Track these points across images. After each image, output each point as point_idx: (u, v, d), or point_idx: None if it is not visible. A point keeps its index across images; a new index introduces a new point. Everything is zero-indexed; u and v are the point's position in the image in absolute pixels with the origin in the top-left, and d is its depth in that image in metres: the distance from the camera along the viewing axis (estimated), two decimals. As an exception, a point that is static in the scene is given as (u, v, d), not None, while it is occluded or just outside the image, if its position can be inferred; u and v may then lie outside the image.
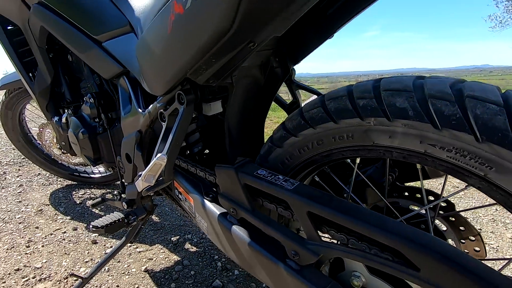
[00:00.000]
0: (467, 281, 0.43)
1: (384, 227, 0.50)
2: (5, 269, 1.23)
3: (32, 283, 1.17)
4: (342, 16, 0.71)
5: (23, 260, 1.28)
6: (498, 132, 0.42)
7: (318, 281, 0.59)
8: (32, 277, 1.19)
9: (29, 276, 1.19)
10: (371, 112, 0.53)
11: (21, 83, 1.51)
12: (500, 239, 1.61)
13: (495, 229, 1.71)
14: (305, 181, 0.76)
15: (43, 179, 2.11)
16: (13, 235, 1.46)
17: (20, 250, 1.35)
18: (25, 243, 1.40)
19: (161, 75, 0.66)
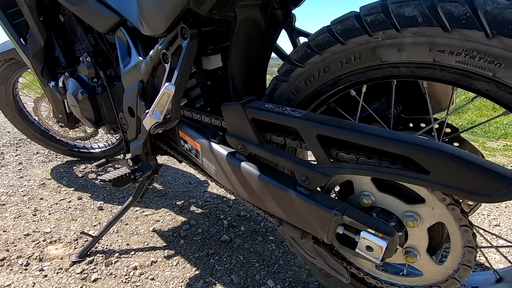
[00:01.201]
0: (475, 176, 0.44)
1: (394, 137, 0.51)
2: (14, 235, 1.24)
3: (43, 245, 1.18)
4: None
5: (31, 227, 1.30)
6: (508, 24, 0.42)
7: (329, 203, 0.61)
8: (42, 240, 1.21)
9: (39, 240, 1.21)
10: (380, 25, 0.52)
11: (13, 53, 1.47)
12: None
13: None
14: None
15: (42, 157, 2.09)
16: (19, 206, 1.46)
17: (28, 218, 1.36)
18: (32, 212, 1.40)
19: (163, 7, 0.64)
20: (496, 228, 1.35)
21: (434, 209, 0.54)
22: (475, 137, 2.84)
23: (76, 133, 1.90)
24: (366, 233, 0.56)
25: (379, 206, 0.61)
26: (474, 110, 3.81)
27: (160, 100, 0.66)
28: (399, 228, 0.58)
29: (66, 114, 1.52)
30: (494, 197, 0.43)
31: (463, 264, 0.54)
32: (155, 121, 0.69)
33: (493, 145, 2.62)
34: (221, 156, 0.76)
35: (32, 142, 2.28)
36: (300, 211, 0.64)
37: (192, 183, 1.75)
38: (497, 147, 2.57)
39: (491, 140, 2.75)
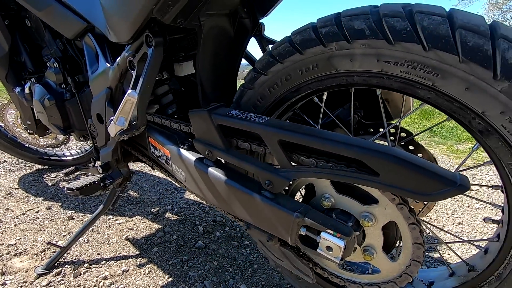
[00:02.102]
0: (417, 177, 0.48)
1: (347, 142, 0.54)
2: (-25, 248, 1.18)
3: (6, 258, 1.13)
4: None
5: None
6: (441, 39, 0.46)
7: (292, 206, 0.63)
8: (6, 253, 1.15)
9: (2, 253, 1.15)
10: (333, 37, 0.56)
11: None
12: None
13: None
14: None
15: (9, 166, 2.00)
16: (-19, 217, 1.39)
17: (-10, 230, 1.29)
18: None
19: (127, 16, 0.65)
20: (459, 226, 1.43)
21: (386, 209, 0.57)
22: (444, 140, 2.99)
23: (46, 140, 1.83)
24: (326, 233, 0.59)
25: (339, 208, 0.64)
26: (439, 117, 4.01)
27: (124, 107, 0.66)
28: (357, 228, 0.61)
29: (34, 120, 1.47)
30: (433, 196, 0.47)
31: (414, 260, 0.58)
32: (120, 128, 0.69)
33: (460, 147, 2.78)
34: (189, 162, 0.77)
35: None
36: (265, 215, 0.66)
37: (169, 189, 1.73)
38: (463, 149, 2.72)
39: (458, 143, 2.91)
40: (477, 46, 0.45)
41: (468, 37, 0.45)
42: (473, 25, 0.46)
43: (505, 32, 0.45)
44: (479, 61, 0.44)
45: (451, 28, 0.46)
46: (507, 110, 0.45)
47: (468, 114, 0.50)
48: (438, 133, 3.13)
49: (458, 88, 0.48)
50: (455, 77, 0.47)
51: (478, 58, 0.44)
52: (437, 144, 2.84)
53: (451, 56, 0.46)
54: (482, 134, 0.50)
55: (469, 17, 0.47)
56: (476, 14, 0.49)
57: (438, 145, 2.82)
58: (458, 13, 0.48)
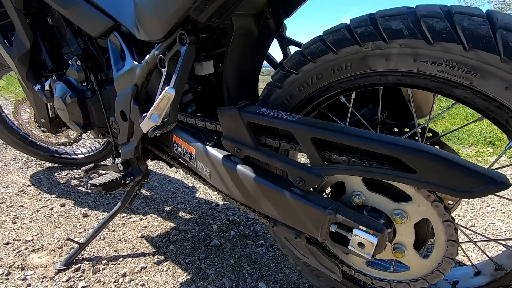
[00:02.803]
0: (456, 174, 0.49)
1: (382, 139, 0.55)
2: (-8, 244, 1.18)
3: (25, 254, 1.14)
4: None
5: (11, 235, 1.24)
6: (482, 39, 0.47)
7: (323, 202, 0.64)
8: (24, 248, 1.16)
9: (20, 248, 1.16)
10: (369, 37, 0.57)
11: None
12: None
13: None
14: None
15: (20, 163, 2.01)
16: (-4, 214, 1.40)
17: (7, 226, 1.30)
18: (11, 220, 1.34)
19: (163, 13, 0.66)
20: (471, 228, 1.43)
21: (420, 206, 0.58)
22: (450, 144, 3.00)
23: (58, 138, 1.84)
24: (358, 230, 0.59)
25: (369, 205, 0.64)
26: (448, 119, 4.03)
27: (159, 104, 0.67)
28: (388, 225, 0.62)
29: (49, 118, 1.48)
30: (473, 193, 0.47)
31: (447, 257, 0.59)
32: (153, 124, 0.70)
33: (466, 151, 2.78)
34: (216, 159, 0.78)
35: (9, 148, 2.18)
36: (294, 211, 0.67)
37: (180, 188, 1.74)
38: (470, 153, 2.73)
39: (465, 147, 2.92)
40: (519, 46, 0.46)
41: (510, 37, 0.46)
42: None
43: (546, 33, 0.46)
44: (521, 61, 0.45)
45: (491, 29, 0.47)
46: (547, 109, 0.46)
47: (506, 113, 0.50)
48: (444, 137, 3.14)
49: (497, 87, 0.49)
50: (495, 77, 0.48)
51: (520, 58, 0.45)
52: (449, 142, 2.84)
53: (492, 56, 0.47)
54: (519, 133, 0.50)
55: (509, 18, 0.48)
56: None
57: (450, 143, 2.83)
58: (498, 14, 0.49)
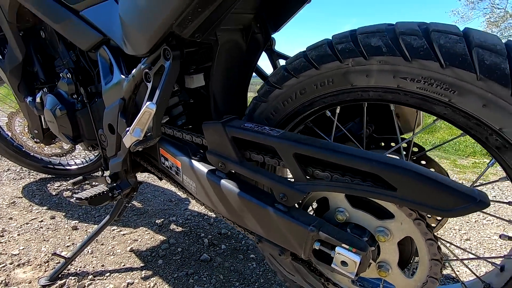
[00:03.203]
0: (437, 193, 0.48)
1: (364, 156, 0.54)
2: (-22, 258, 1.16)
3: (10, 268, 1.11)
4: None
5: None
6: (459, 56, 0.48)
7: (306, 219, 0.63)
8: (9, 263, 1.14)
9: (5, 263, 1.14)
10: (349, 53, 0.57)
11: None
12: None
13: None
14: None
15: (13, 174, 2.00)
16: (-16, 226, 1.38)
17: (-6, 239, 1.28)
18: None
19: (147, 29, 0.66)
20: (467, 242, 1.41)
21: (403, 224, 0.57)
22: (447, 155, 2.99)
23: (51, 149, 1.84)
24: (341, 248, 0.58)
25: (353, 222, 0.63)
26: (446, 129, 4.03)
27: (141, 119, 0.67)
28: (372, 243, 0.60)
29: (42, 129, 1.48)
30: (453, 212, 0.47)
31: (431, 277, 0.57)
32: (136, 139, 0.70)
33: (463, 162, 2.77)
34: (201, 174, 0.77)
35: (2, 158, 2.18)
36: (278, 228, 0.66)
37: (173, 200, 1.72)
38: (467, 164, 2.72)
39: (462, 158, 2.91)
40: (494, 64, 0.46)
41: (486, 55, 0.46)
42: (490, 44, 0.47)
43: (522, 51, 0.46)
44: (497, 79, 0.45)
45: (467, 47, 0.48)
46: (525, 127, 0.45)
47: (485, 131, 0.50)
48: (441, 148, 3.14)
49: (475, 104, 0.49)
50: (472, 94, 0.48)
51: (495, 76, 0.45)
52: (440, 158, 2.84)
53: (468, 74, 0.47)
54: (499, 150, 0.50)
55: (485, 36, 0.48)
56: (491, 34, 0.50)
57: (441, 159, 2.82)
58: (474, 32, 0.49)
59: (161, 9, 0.61)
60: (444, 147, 3.14)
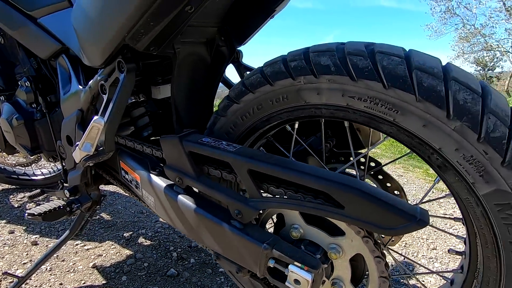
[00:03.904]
0: (380, 211, 0.49)
1: (314, 174, 0.54)
2: None
3: (-45, 289, 1.03)
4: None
5: None
6: (400, 78, 0.49)
7: (260, 236, 0.62)
8: (-44, 283, 1.06)
9: (-48, 283, 1.06)
10: (301, 71, 0.58)
11: None
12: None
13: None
14: (250, 151, 0.79)
15: (-27, 185, 1.88)
16: None
17: None
18: (-52, 250, 1.23)
19: (100, 41, 0.65)
20: (433, 252, 1.45)
21: (353, 241, 0.57)
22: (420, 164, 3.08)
23: (16, 158, 1.75)
24: (294, 266, 0.58)
25: (307, 239, 0.63)
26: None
27: (89, 133, 0.65)
28: (325, 260, 0.60)
29: (4, 138, 1.41)
30: (395, 230, 0.47)
31: (381, 294, 0.57)
32: (85, 153, 0.67)
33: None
34: (159, 189, 0.75)
35: (-38, 168, 2.05)
36: (234, 245, 0.64)
37: (144, 212, 1.67)
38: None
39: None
40: (431, 86, 0.47)
41: (424, 78, 0.48)
42: (428, 67, 0.48)
43: (456, 75, 0.48)
44: (434, 101, 0.47)
45: (408, 69, 0.49)
46: (460, 147, 0.47)
47: (427, 150, 0.51)
48: (415, 157, 3.24)
49: (416, 125, 0.50)
50: (413, 115, 0.49)
51: (432, 98, 0.47)
52: (413, 167, 2.92)
53: (408, 95, 0.48)
54: (440, 169, 0.51)
55: (425, 59, 0.50)
56: (432, 56, 0.52)
57: (414, 168, 2.91)
58: (415, 54, 0.51)
59: (113, 21, 0.59)
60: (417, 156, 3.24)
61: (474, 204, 0.50)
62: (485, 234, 0.50)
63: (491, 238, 0.50)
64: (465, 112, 0.45)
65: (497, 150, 0.44)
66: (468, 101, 0.45)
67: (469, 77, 0.48)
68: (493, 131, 0.44)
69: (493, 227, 0.49)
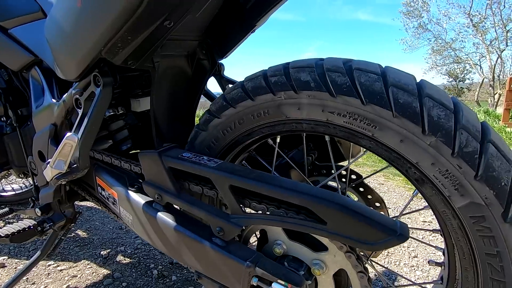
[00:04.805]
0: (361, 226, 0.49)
1: (295, 189, 0.54)
2: None
3: None
4: (260, 9, 0.78)
5: None
6: (377, 95, 0.50)
7: (243, 254, 0.60)
8: None
9: None
10: (281, 86, 0.58)
11: None
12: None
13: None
14: (232, 165, 0.78)
15: None
16: None
17: None
18: None
19: (74, 55, 0.62)
20: (414, 260, 1.47)
21: (336, 256, 0.57)
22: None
23: (-17, 174, 1.64)
24: (277, 284, 0.56)
25: (291, 255, 0.62)
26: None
27: (62, 150, 0.62)
28: (309, 277, 0.59)
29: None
30: (376, 245, 0.47)
31: (365, 309, 0.57)
32: (57, 171, 0.64)
33: (413, 179, 2.96)
34: (137, 206, 0.72)
35: None
36: (215, 264, 0.63)
37: (123, 228, 1.61)
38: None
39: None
40: (407, 103, 0.49)
41: (399, 94, 0.49)
42: (403, 84, 0.50)
43: (430, 92, 0.49)
44: (409, 117, 0.48)
45: (384, 85, 0.50)
46: (436, 162, 0.48)
47: (405, 164, 0.53)
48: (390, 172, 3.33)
49: (394, 140, 0.51)
50: (390, 130, 0.51)
51: (408, 114, 0.48)
52: (394, 175, 3.00)
53: (385, 111, 0.49)
54: (418, 182, 0.52)
55: (400, 76, 0.52)
56: (406, 73, 0.54)
57: (395, 176, 2.98)
58: (391, 71, 0.53)
59: (88, 34, 0.57)
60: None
61: (450, 217, 0.51)
62: (462, 246, 0.52)
63: (468, 249, 0.51)
64: (439, 128, 0.47)
65: (470, 164, 0.45)
66: (442, 117, 0.47)
67: (441, 94, 0.50)
68: (465, 146, 0.46)
69: (469, 238, 0.50)
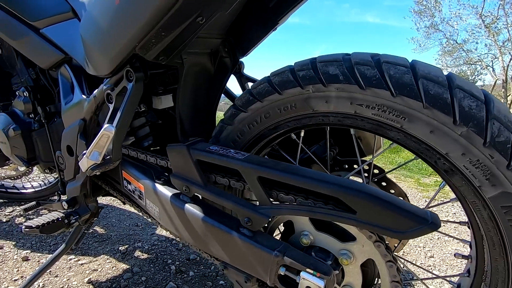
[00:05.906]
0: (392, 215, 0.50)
1: (324, 180, 0.55)
2: None
3: None
4: (283, 8, 0.80)
5: None
6: (407, 86, 0.51)
7: (271, 244, 0.62)
8: None
9: None
10: (309, 80, 0.59)
11: None
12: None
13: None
14: (256, 159, 0.80)
15: (-42, 199, 1.80)
16: None
17: None
18: None
19: (109, 50, 0.65)
20: (431, 260, 1.46)
21: (364, 246, 0.58)
22: (411, 174, 3.15)
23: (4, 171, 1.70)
24: (305, 273, 0.57)
25: (318, 245, 0.63)
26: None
27: (99, 141, 0.64)
28: (336, 267, 0.60)
29: (-6, 150, 1.37)
30: (408, 233, 0.48)
31: (393, 299, 0.58)
32: (93, 162, 0.66)
33: (426, 181, 2.93)
34: (165, 198, 0.74)
35: None
36: (243, 254, 0.64)
37: (139, 225, 1.63)
38: (430, 182, 2.87)
39: (425, 177, 3.08)
40: (437, 94, 0.49)
41: (430, 86, 0.50)
42: (433, 76, 0.51)
43: (460, 83, 0.50)
44: (440, 107, 0.49)
45: (414, 77, 0.51)
46: (467, 152, 0.49)
47: (434, 155, 0.53)
48: (406, 167, 3.30)
49: (423, 131, 0.52)
50: (420, 121, 0.52)
51: (439, 105, 0.49)
52: (405, 177, 2.98)
53: (415, 102, 0.50)
54: (447, 173, 0.53)
55: (429, 68, 0.53)
56: (434, 66, 0.55)
57: (406, 178, 2.96)
58: (420, 64, 0.54)
59: (124, 31, 0.60)
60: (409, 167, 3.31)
61: (481, 207, 0.51)
62: (492, 237, 0.52)
63: (498, 240, 0.51)
64: (470, 118, 0.48)
65: (503, 154, 0.46)
66: (473, 108, 0.48)
67: (471, 86, 0.51)
68: (498, 136, 0.46)
69: (500, 229, 0.50)
